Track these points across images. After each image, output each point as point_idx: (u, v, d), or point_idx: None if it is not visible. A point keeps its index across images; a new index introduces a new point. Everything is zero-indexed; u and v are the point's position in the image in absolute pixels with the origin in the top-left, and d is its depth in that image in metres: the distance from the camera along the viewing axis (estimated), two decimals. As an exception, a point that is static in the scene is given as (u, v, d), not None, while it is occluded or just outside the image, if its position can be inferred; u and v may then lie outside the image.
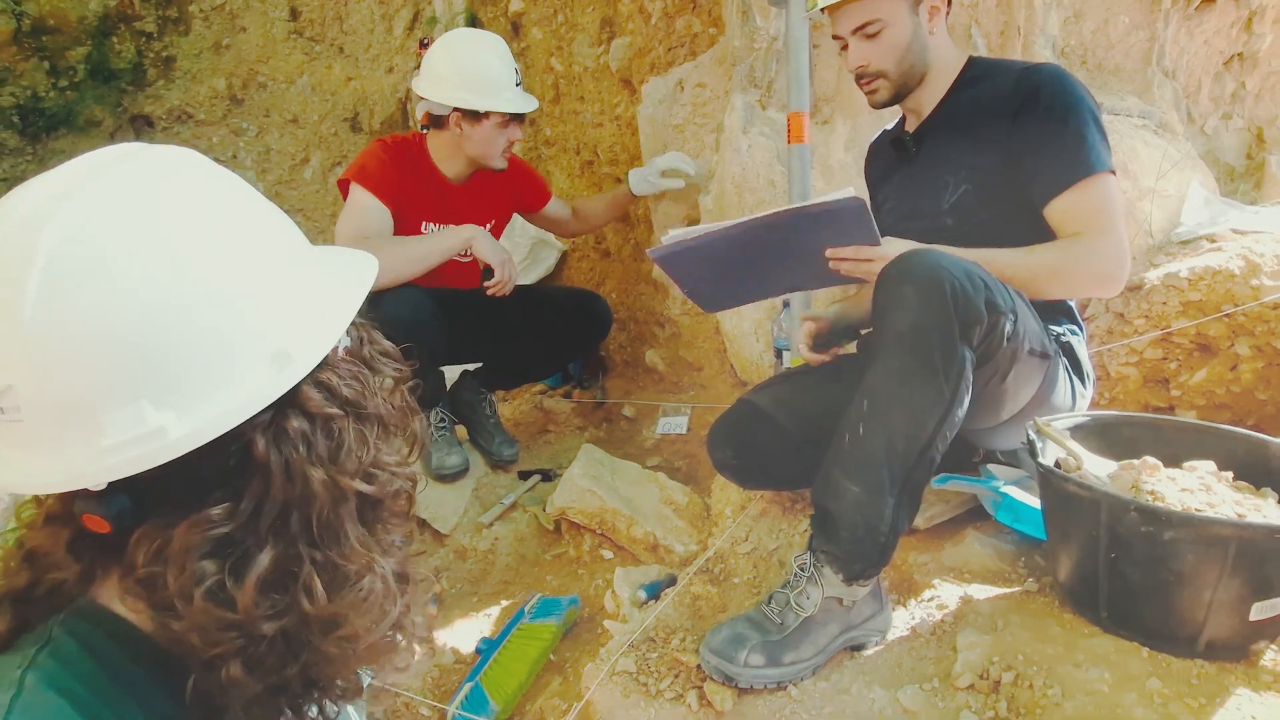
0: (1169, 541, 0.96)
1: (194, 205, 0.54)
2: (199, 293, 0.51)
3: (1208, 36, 2.25)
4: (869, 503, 1.13)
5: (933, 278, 1.07)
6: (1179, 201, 1.96)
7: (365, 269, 0.65)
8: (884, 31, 1.37)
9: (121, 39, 3.52)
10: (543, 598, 1.67)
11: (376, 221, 1.93)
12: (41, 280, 0.47)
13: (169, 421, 0.49)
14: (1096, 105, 1.32)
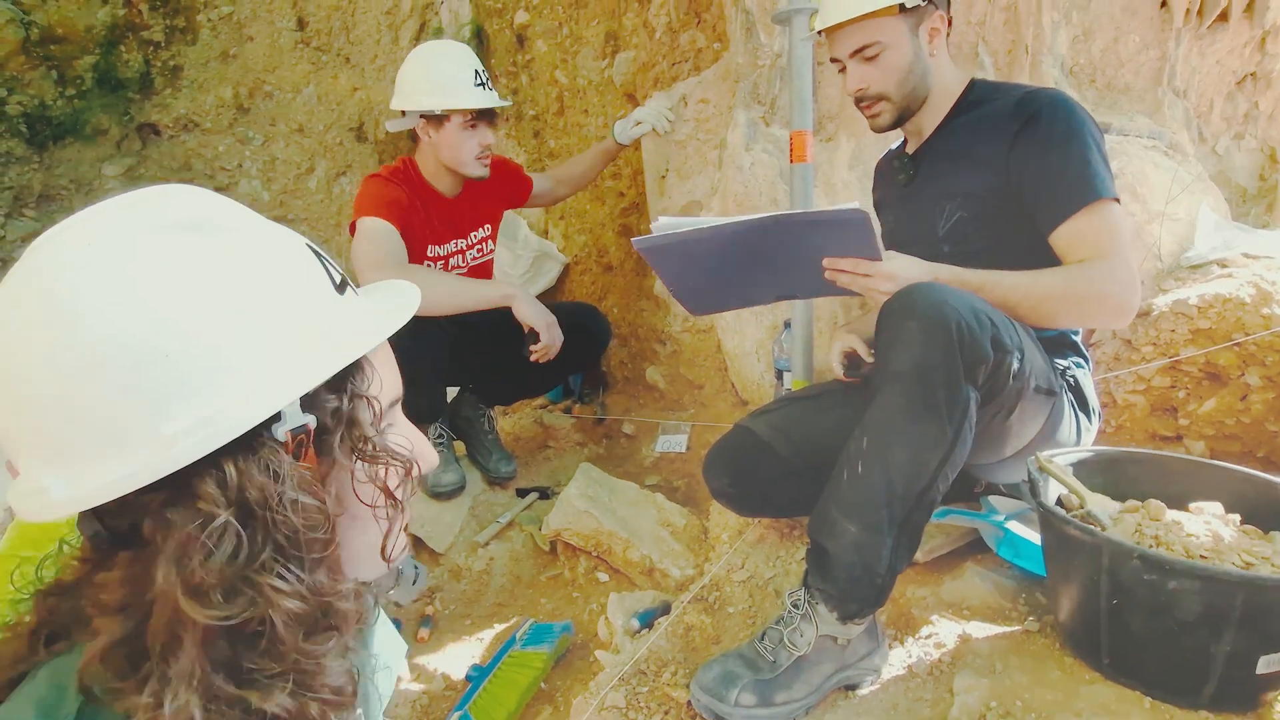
0: (1173, 591, 0.93)
1: (117, 264, 0.47)
2: (98, 366, 0.45)
3: (1220, 56, 2.22)
4: (867, 543, 1.10)
5: (938, 315, 1.04)
6: (1189, 225, 1.93)
7: (384, 319, 0.57)
8: (884, 54, 1.34)
9: (129, 48, 3.53)
10: (535, 624, 1.64)
11: (389, 242, 1.92)
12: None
13: (52, 484, 0.47)
14: (1099, 131, 1.29)
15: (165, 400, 0.46)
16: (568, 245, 3.17)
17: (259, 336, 0.49)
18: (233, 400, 0.47)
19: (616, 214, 2.93)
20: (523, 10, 3.15)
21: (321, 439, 0.52)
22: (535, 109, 3.26)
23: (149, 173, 3.64)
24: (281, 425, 0.49)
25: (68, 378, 0.45)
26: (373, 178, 2.06)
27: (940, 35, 1.36)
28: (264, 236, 0.53)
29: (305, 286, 0.53)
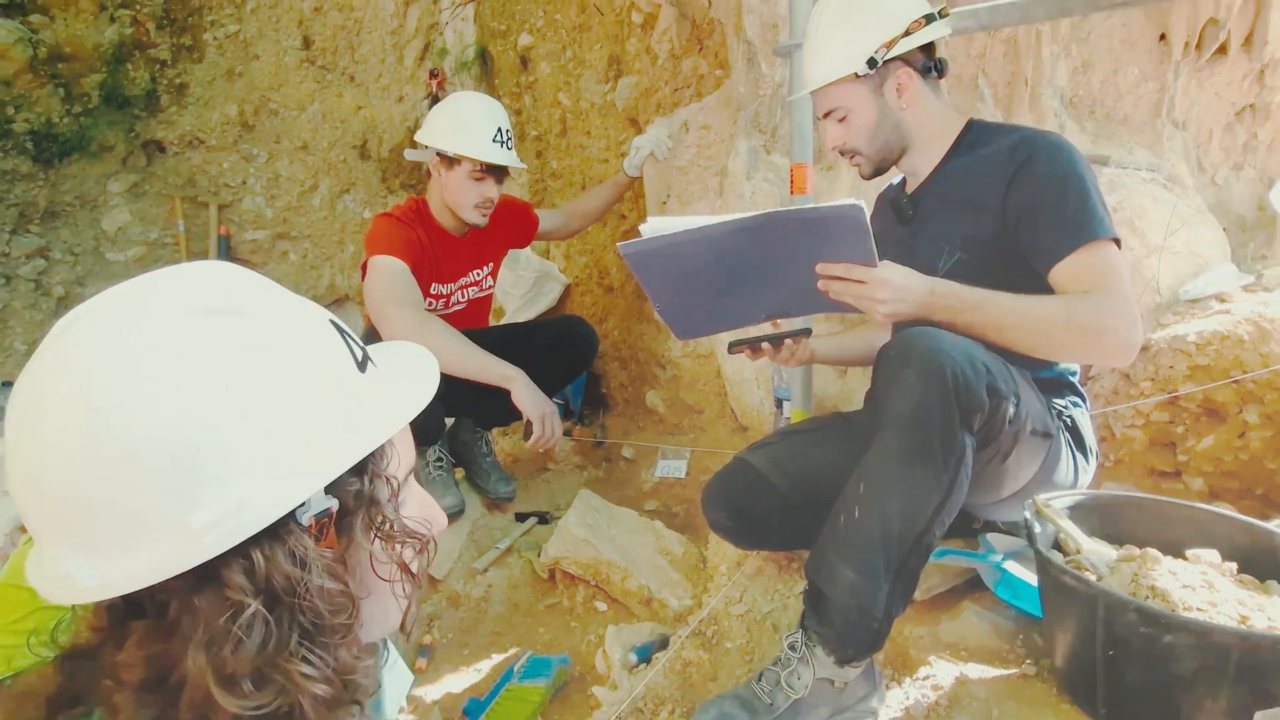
0: (1169, 645, 0.93)
1: (146, 354, 0.47)
2: (135, 459, 0.46)
3: (1219, 88, 2.23)
4: (863, 588, 1.10)
5: (934, 363, 1.04)
6: (1188, 258, 1.94)
7: (407, 401, 0.57)
8: (850, 115, 1.38)
9: (136, 66, 3.56)
10: (533, 656, 1.64)
11: (404, 279, 1.94)
12: (25, 405, 0.48)
13: (81, 571, 0.47)
14: (1094, 176, 1.29)
15: (194, 493, 0.46)
16: (569, 266, 3.18)
17: (286, 426, 0.49)
18: (260, 490, 0.48)
19: (618, 236, 2.94)
20: (526, 33, 3.17)
21: (343, 520, 0.53)
22: (538, 129, 3.28)
23: (153, 189, 3.67)
24: (306, 511, 0.50)
25: (98, 471, 0.45)
26: (385, 217, 2.09)
27: (911, 88, 1.36)
28: (288, 318, 0.53)
29: (330, 369, 0.53)
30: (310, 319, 0.55)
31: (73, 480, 0.46)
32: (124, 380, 0.46)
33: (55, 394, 0.47)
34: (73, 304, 2.99)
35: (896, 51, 1.32)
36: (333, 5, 3.69)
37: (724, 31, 2.42)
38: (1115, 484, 1.70)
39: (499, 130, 2.05)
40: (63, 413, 0.46)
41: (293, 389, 0.50)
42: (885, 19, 1.33)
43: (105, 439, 0.45)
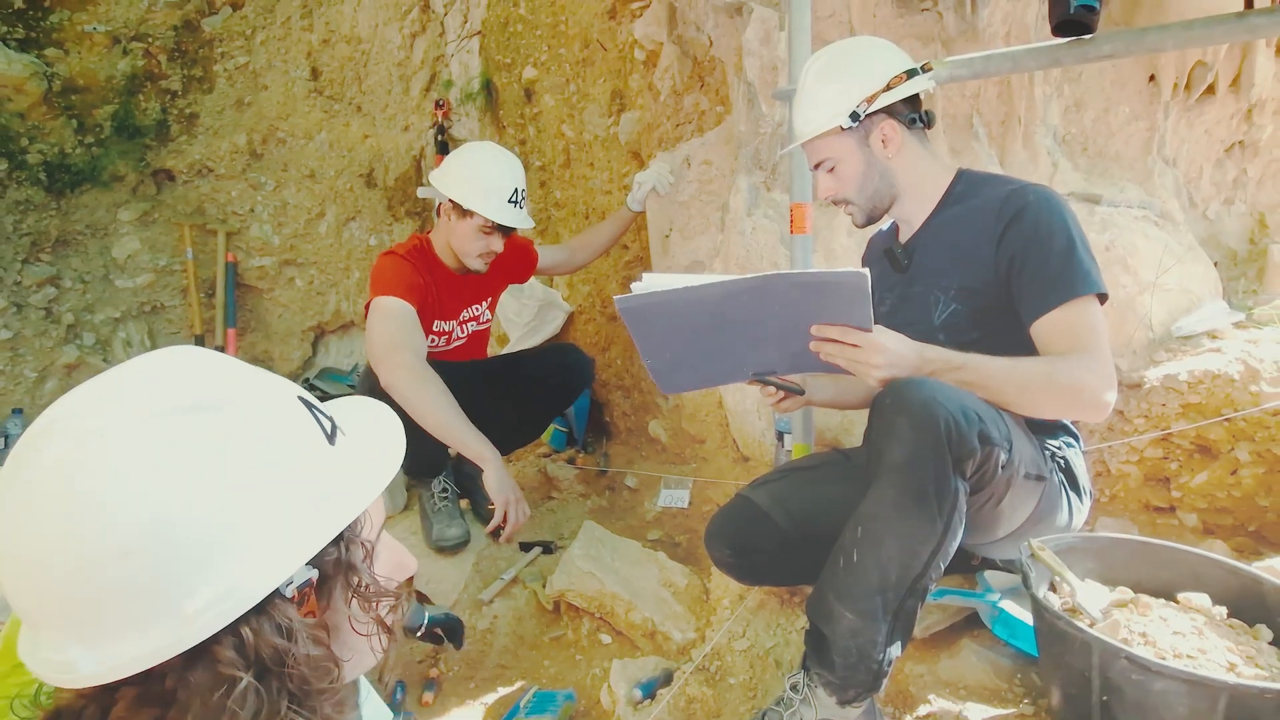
0: (1160, 692, 0.96)
1: (138, 453, 0.50)
2: (128, 548, 0.49)
3: (1208, 126, 2.29)
4: (863, 630, 1.13)
5: (928, 412, 1.08)
6: (1180, 295, 1.98)
7: (377, 469, 0.61)
8: (838, 166, 1.45)
9: (147, 97, 3.62)
10: (538, 691, 1.66)
11: (408, 324, 1.97)
12: (15, 501, 0.50)
13: (80, 659, 0.50)
14: (1080, 228, 1.33)
15: (187, 581, 0.50)
16: (572, 294, 3.22)
17: (267, 510, 0.53)
18: (248, 573, 0.51)
19: (620, 266, 2.99)
20: (530, 66, 3.24)
21: (323, 587, 0.57)
22: (542, 160, 3.34)
23: (163, 217, 3.72)
24: (290, 585, 0.53)
25: (92, 569, 0.48)
26: (392, 256, 2.12)
27: (896, 139, 1.42)
28: (257, 406, 0.56)
29: (302, 449, 0.57)
30: (278, 401, 0.58)
31: (69, 578, 0.49)
32: (110, 482, 0.49)
33: (44, 496, 0.49)
34: (82, 331, 3.02)
35: (878, 105, 1.38)
36: (341, 37, 3.76)
37: (725, 70, 2.48)
38: (1111, 519, 1.73)
39: (515, 190, 2.09)
40: (54, 515, 0.49)
41: (270, 474, 0.54)
42: (867, 75, 1.39)
43: (97, 538, 0.48)
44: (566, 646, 1.93)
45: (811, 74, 1.46)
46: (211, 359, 0.58)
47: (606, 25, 2.93)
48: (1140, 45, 1.54)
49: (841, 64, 1.42)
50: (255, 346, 3.92)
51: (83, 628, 0.50)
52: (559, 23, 3.10)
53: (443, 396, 1.89)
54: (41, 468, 0.50)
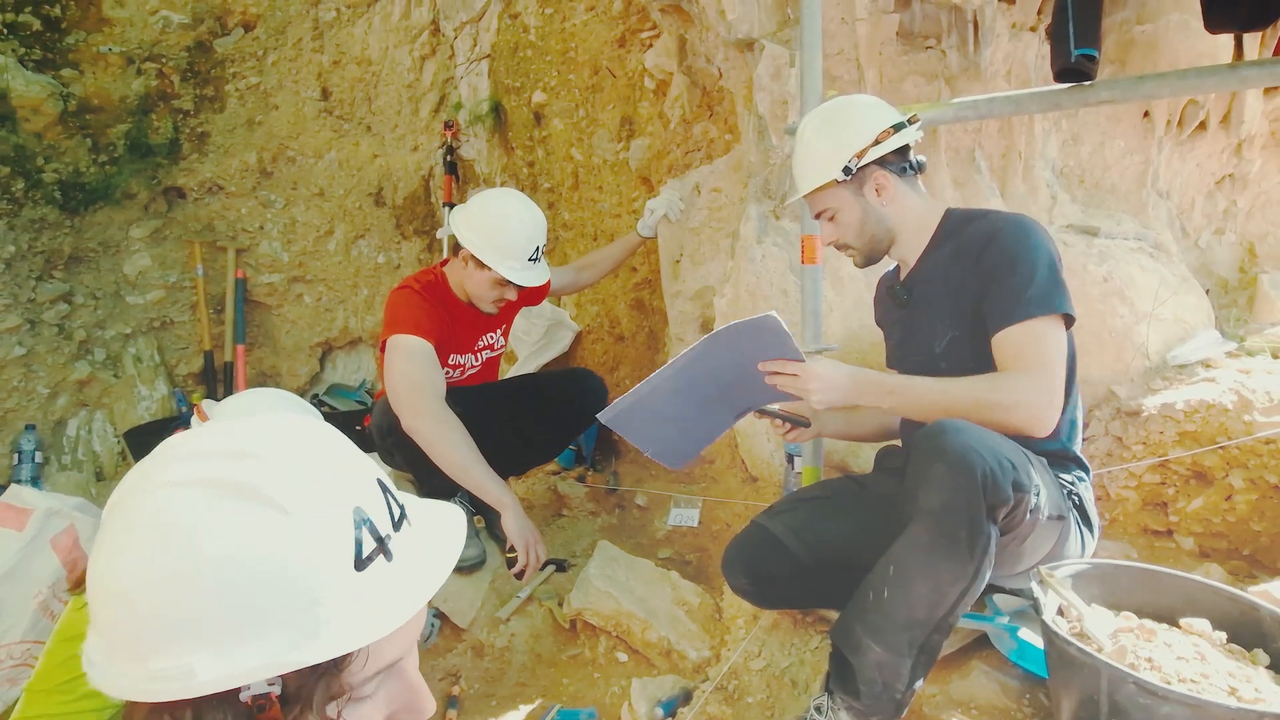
0: (1166, 716, 1.02)
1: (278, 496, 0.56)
2: (263, 571, 0.54)
3: (1200, 160, 2.38)
4: (889, 663, 1.20)
5: (965, 461, 1.13)
6: (1175, 324, 2.06)
7: (443, 558, 0.64)
8: (838, 215, 1.54)
9: (160, 116, 3.67)
10: (561, 709, 1.71)
11: (428, 364, 2.01)
12: (150, 527, 0.55)
13: (198, 662, 0.53)
14: (1057, 254, 1.40)
15: (156, 643, 0.54)
16: (580, 314, 3.29)
17: (256, 619, 0.54)
18: (208, 663, 0.54)
19: (629, 288, 3.05)
20: (540, 90, 3.31)
21: (289, 705, 0.56)
22: (550, 182, 3.40)
23: (173, 234, 3.77)
24: (246, 691, 0.54)
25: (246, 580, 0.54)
26: (409, 291, 2.14)
27: (889, 188, 1.51)
28: (315, 526, 0.57)
29: (319, 578, 0.56)
30: (333, 520, 0.58)
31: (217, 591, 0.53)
32: (211, 522, 0.54)
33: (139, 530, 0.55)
34: (93, 347, 3.05)
35: (868, 159, 1.48)
36: (351, 59, 3.82)
37: (734, 100, 2.56)
38: (1111, 542, 1.80)
39: (536, 248, 2.11)
40: (155, 552, 0.54)
41: (276, 589, 0.55)
42: (857, 131, 1.50)
43: (255, 562, 0.54)
44: (584, 664, 1.98)
45: (807, 132, 1.56)
46: (314, 461, 0.60)
47: (616, 53, 3.01)
48: (1137, 93, 1.62)
49: (833, 122, 1.53)
50: (263, 362, 3.97)
51: (209, 634, 0.53)
52: (568, 49, 3.18)
53: (463, 442, 1.93)
54: (140, 516, 0.56)
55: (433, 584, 0.62)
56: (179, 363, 3.78)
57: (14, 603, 1.94)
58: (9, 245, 3.19)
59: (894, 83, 2.21)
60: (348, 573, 0.57)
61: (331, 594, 0.56)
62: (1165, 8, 2.12)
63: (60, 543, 2.02)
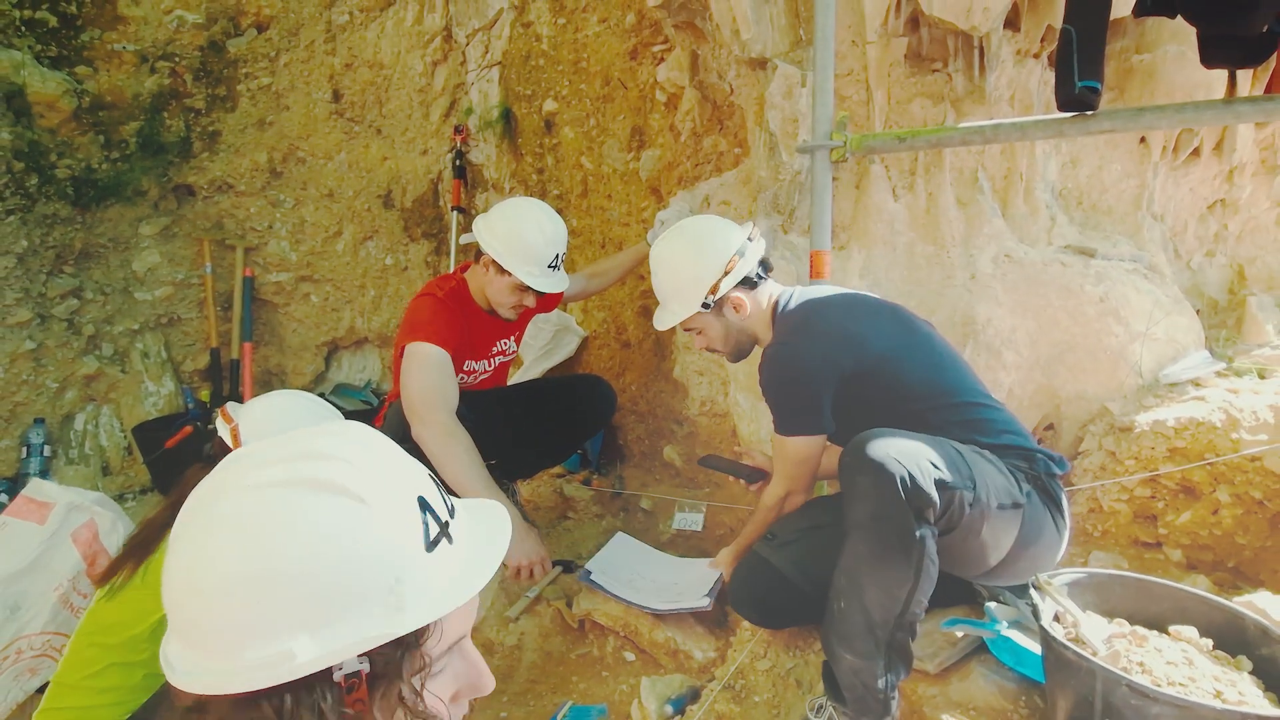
0: (1156, 716, 1.09)
1: (356, 494, 0.62)
2: (353, 553, 0.60)
3: (1193, 185, 2.46)
4: (863, 667, 1.28)
5: (884, 470, 1.22)
6: (1167, 344, 2.14)
7: (497, 542, 0.71)
8: (703, 332, 1.77)
9: (172, 114, 3.70)
10: (574, 706, 1.77)
11: (442, 372, 2.06)
12: (237, 526, 0.61)
13: (300, 646, 0.59)
14: (800, 384, 1.56)
15: (253, 632, 0.60)
16: (587, 320, 3.34)
17: (346, 600, 0.60)
18: (306, 646, 0.59)
19: (637, 295, 3.11)
20: (551, 99, 3.37)
21: (375, 682, 0.62)
22: (559, 189, 3.46)
23: (183, 231, 3.80)
24: (339, 670, 0.60)
25: (344, 563, 0.60)
26: (431, 299, 2.18)
27: (744, 305, 1.72)
28: (388, 511, 0.64)
29: (399, 557, 0.63)
30: (404, 507, 0.65)
31: (310, 575, 0.59)
32: (261, 524, 0.60)
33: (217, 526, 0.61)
34: (102, 342, 3.10)
35: (722, 291, 1.67)
36: (363, 62, 3.87)
37: (744, 115, 2.63)
38: (1103, 553, 1.88)
39: (556, 256, 2.16)
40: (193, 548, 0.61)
41: (365, 570, 0.61)
42: (708, 266, 1.68)
43: (343, 549, 0.60)
44: (593, 663, 2.03)
45: (660, 270, 1.77)
46: (382, 456, 0.67)
47: (627, 65, 3.07)
48: (1137, 124, 1.70)
49: (683, 259, 1.72)
50: (269, 360, 4.00)
51: (311, 617, 0.59)
52: (580, 59, 3.24)
53: (466, 456, 1.98)
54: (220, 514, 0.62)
55: (493, 562, 0.69)
56: (186, 359, 3.82)
57: (35, 595, 1.97)
58: (21, 240, 3.22)
59: (902, 104, 2.28)
60: (421, 553, 0.64)
61: (410, 572, 0.62)
62: (1163, 38, 2.20)
63: (81, 536, 2.06)
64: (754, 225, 1.78)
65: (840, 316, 1.64)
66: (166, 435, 3.34)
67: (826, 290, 1.79)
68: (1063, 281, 2.14)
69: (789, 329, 1.65)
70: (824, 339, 1.58)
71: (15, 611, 1.93)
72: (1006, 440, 1.50)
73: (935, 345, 1.64)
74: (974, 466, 1.32)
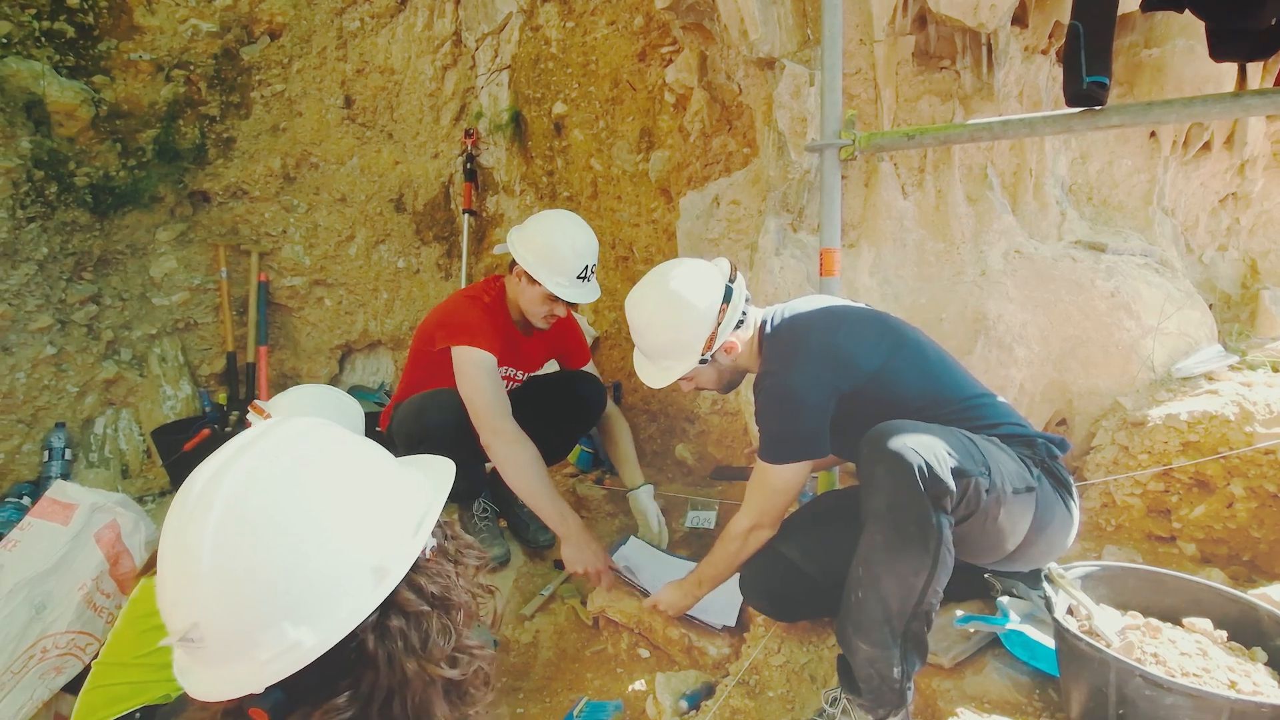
0: (1170, 706, 1.09)
1: (318, 466, 0.71)
2: (324, 536, 0.68)
3: (1204, 179, 2.46)
4: (879, 657, 1.29)
5: (901, 460, 1.23)
6: (1179, 338, 2.13)
7: (442, 481, 0.81)
8: (697, 380, 1.72)
9: (187, 121, 3.75)
10: (590, 702, 1.79)
11: (495, 377, 2.10)
12: (214, 538, 0.65)
13: (304, 635, 0.65)
14: (792, 410, 1.51)
15: (370, 552, 0.70)
16: (598, 320, 3.37)
17: (403, 495, 0.76)
18: (398, 542, 0.72)
19: (647, 295, 3.12)
20: (560, 102, 3.40)
21: (440, 552, 0.77)
22: (569, 191, 3.49)
23: (198, 237, 3.85)
24: (426, 551, 0.74)
25: (313, 549, 0.68)
26: (476, 302, 2.21)
27: (735, 347, 1.65)
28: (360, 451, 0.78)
29: (393, 469, 0.78)
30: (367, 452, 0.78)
31: (295, 564, 0.66)
32: (307, 496, 0.69)
33: (256, 515, 0.67)
34: (120, 347, 3.14)
35: (718, 343, 1.62)
36: (374, 68, 3.91)
37: (753, 115, 2.64)
38: (1116, 547, 1.88)
39: (586, 267, 2.17)
40: (286, 518, 0.67)
41: (390, 485, 0.76)
42: (697, 321, 1.61)
43: (318, 532, 0.68)
44: (607, 660, 2.05)
45: (648, 334, 1.68)
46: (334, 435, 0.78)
47: (636, 67, 3.09)
48: (1146, 118, 1.71)
49: (672, 324, 1.63)
50: (284, 364, 4.05)
51: (300, 607, 0.66)
52: (589, 62, 3.27)
53: (533, 465, 2.03)
54: (261, 497, 0.68)
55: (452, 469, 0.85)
56: (202, 363, 3.87)
57: (60, 595, 2.01)
58: (42, 247, 3.28)
59: (910, 101, 2.29)
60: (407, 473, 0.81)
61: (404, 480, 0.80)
62: (1172, 33, 2.20)
63: (104, 537, 2.10)
64: (727, 261, 1.72)
65: (828, 336, 1.58)
66: (185, 438, 3.39)
67: (809, 304, 1.72)
68: (1073, 277, 2.14)
69: (778, 355, 1.61)
70: (817, 362, 1.53)
71: (41, 611, 1.97)
72: (1006, 430, 1.50)
73: (924, 350, 1.60)
74: (987, 453, 1.32)
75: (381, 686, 0.68)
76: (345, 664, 0.68)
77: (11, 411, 3.24)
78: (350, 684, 0.68)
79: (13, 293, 3.21)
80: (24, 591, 1.95)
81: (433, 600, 0.72)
